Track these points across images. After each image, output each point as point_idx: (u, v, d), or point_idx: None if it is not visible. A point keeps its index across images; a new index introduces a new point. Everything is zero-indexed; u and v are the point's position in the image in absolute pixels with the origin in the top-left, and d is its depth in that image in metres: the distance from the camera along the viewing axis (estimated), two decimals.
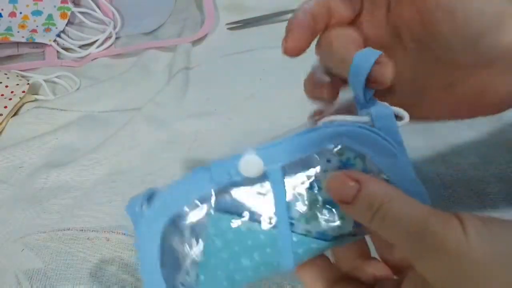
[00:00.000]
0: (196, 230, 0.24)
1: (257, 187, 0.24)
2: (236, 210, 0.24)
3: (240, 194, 0.24)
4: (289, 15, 0.62)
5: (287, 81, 0.54)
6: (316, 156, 0.24)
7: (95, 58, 0.62)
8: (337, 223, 0.24)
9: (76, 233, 0.41)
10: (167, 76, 0.57)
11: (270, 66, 0.56)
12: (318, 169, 0.24)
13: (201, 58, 0.59)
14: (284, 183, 0.24)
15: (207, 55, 0.59)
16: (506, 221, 0.19)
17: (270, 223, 0.24)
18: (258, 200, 0.24)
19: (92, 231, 0.41)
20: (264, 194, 0.24)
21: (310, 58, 0.29)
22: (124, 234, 0.40)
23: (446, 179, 0.42)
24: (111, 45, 0.63)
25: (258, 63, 0.57)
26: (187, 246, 0.24)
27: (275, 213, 0.23)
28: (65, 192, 0.45)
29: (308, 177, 0.24)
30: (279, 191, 0.23)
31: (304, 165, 0.24)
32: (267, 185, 0.24)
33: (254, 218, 0.24)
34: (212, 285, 0.24)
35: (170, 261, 0.24)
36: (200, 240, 0.24)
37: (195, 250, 0.24)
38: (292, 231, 0.23)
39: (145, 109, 0.53)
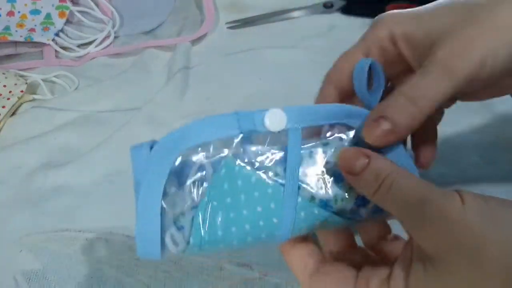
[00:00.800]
0: (203, 171, 0.24)
1: (275, 142, 0.25)
2: (250, 160, 0.25)
3: (258, 146, 0.25)
4: (289, 14, 0.62)
5: (287, 81, 0.54)
6: (334, 129, 0.26)
7: (93, 58, 0.61)
8: (341, 196, 0.25)
9: (74, 234, 0.41)
10: (167, 76, 0.57)
11: (270, 66, 0.56)
12: (333, 140, 0.25)
13: (200, 58, 0.59)
14: (300, 144, 0.25)
15: (206, 54, 0.59)
16: (505, 200, 0.20)
17: (280, 179, 0.24)
18: (273, 155, 0.25)
19: (90, 232, 0.41)
20: (280, 151, 0.25)
21: (310, 58, 0.28)
22: (123, 235, 0.40)
23: (447, 179, 0.42)
24: (110, 44, 0.62)
25: (258, 63, 0.57)
26: (189, 186, 0.24)
27: (287, 171, 0.24)
28: (64, 192, 0.45)
29: (323, 146, 0.25)
30: (294, 151, 0.24)
31: (321, 134, 0.26)
32: (284, 142, 0.25)
33: (266, 171, 0.25)
34: (206, 231, 0.24)
35: (169, 198, 0.24)
36: (205, 183, 0.24)
37: (196, 192, 0.24)
38: (298, 194, 0.24)
39: (144, 109, 0.52)
